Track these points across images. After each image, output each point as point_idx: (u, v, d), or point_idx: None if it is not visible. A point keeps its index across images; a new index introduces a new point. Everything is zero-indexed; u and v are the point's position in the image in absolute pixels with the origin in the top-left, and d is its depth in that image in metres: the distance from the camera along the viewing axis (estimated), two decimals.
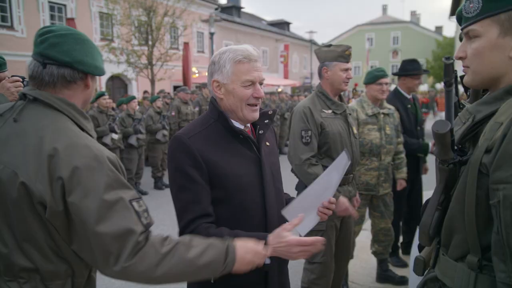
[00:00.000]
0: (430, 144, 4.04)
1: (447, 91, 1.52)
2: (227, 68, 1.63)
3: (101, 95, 7.56)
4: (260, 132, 1.75)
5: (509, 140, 1.00)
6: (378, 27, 48.67)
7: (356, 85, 13.72)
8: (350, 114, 3.05)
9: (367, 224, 5.60)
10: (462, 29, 1.23)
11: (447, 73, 1.57)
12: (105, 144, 7.21)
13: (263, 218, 1.67)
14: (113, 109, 8.68)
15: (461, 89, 1.61)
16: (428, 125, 16.30)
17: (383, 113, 3.64)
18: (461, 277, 1.17)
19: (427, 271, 1.40)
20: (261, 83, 1.68)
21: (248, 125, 1.76)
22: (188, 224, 1.57)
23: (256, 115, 1.70)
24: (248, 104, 1.66)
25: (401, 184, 3.90)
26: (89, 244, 1.23)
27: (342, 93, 3.05)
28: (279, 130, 12.81)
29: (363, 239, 4.49)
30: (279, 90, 19.97)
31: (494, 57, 1.15)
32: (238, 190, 1.62)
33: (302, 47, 38.14)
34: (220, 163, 1.60)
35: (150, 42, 15.03)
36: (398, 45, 47.29)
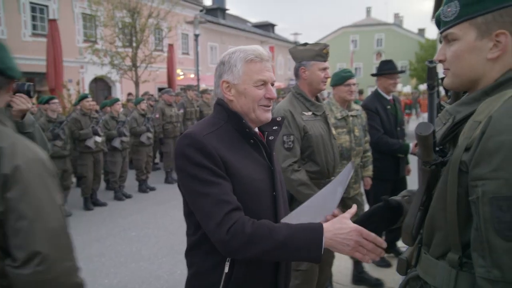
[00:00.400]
0: (411, 145, 4.06)
1: (430, 93, 1.54)
2: (238, 68, 1.57)
3: (84, 97, 7.47)
4: (270, 138, 1.68)
5: (487, 138, 1.02)
6: (362, 29, 49.14)
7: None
8: (328, 114, 3.01)
9: None
10: (441, 33, 1.26)
11: (430, 76, 1.60)
12: (88, 147, 7.14)
13: None
14: (96, 111, 8.58)
15: (442, 91, 1.63)
16: (411, 126, 16.39)
17: (351, 115, 3.62)
18: (442, 274, 1.19)
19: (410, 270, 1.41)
20: (272, 84, 1.62)
21: (256, 129, 1.68)
22: (226, 217, 1.40)
23: (269, 116, 1.63)
24: (260, 105, 1.59)
25: (368, 182, 3.93)
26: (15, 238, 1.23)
27: (327, 95, 3.02)
28: None
29: None
30: None
31: (472, 59, 1.17)
32: (252, 196, 1.53)
33: (287, 48, 37.79)
34: (236, 165, 1.51)
35: (134, 44, 14.92)
36: (381, 47, 47.80)
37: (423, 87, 16.25)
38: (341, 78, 3.54)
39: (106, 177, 8.58)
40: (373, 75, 4.32)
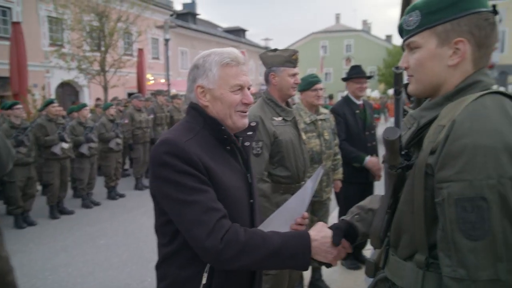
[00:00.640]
0: (367, 159, 4.09)
1: (397, 98, 1.59)
2: (213, 72, 1.50)
3: (50, 102, 7.27)
4: (246, 144, 1.62)
5: (451, 141, 1.05)
6: (332, 35, 50.00)
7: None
8: (297, 120, 3.02)
9: None
10: (404, 41, 1.30)
11: (396, 82, 1.64)
12: (54, 154, 6.94)
13: None
14: (63, 117, 8.36)
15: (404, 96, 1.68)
16: (380, 130, 16.79)
17: (320, 119, 3.65)
18: (410, 275, 1.21)
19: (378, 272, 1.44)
20: (249, 88, 1.57)
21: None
22: (216, 225, 1.33)
23: (246, 121, 1.57)
24: (237, 111, 1.53)
25: (337, 185, 3.96)
26: None
27: (290, 99, 3.04)
28: None
29: None
30: None
31: (434, 66, 1.21)
32: (233, 204, 1.47)
33: (258, 54, 37.75)
34: (218, 173, 1.44)
35: (102, 48, 14.62)
36: (351, 52, 48.77)
37: (391, 92, 16.66)
38: (309, 83, 3.58)
39: (74, 184, 8.36)
40: (343, 79, 4.40)
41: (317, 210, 3.70)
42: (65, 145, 7.08)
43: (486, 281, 1.00)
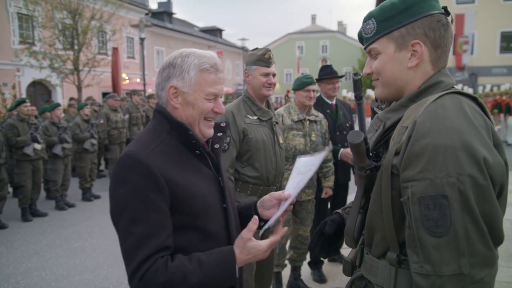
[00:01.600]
0: (341, 151, 4.04)
1: (358, 103, 1.64)
2: (190, 75, 1.43)
3: (21, 102, 7.07)
4: (215, 146, 1.58)
5: (413, 142, 1.10)
6: (308, 36, 50.37)
7: (288, 91, 14.06)
8: (277, 123, 2.97)
9: None
10: (364, 49, 1.36)
11: (356, 88, 1.70)
12: (26, 155, 6.75)
13: (227, 245, 1.50)
14: (35, 117, 8.15)
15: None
16: (356, 129, 17.07)
17: (309, 120, 3.65)
18: (383, 272, 1.25)
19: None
20: (221, 96, 1.52)
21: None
22: (144, 262, 1.30)
23: (212, 131, 1.53)
24: (205, 118, 1.48)
25: (327, 193, 3.92)
26: None
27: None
28: None
29: None
30: None
31: (395, 69, 1.27)
32: (202, 214, 1.43)
33: (234, 54, 38.43)
34: (184, 183, 1.39)
35: (76, 47, 14.32)
36: (327, 53, 49.22)
37: (370, 92, 16.95)
38: (302, 84, 3.61)
39: (47, 186, 8.15)
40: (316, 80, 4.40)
41: (297, 211, 3.68)
42: (37, 146, 6.90)
43: (451, 276, 1.04)
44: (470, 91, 18.77)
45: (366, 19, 1.31)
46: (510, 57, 26.19)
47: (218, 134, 1.60)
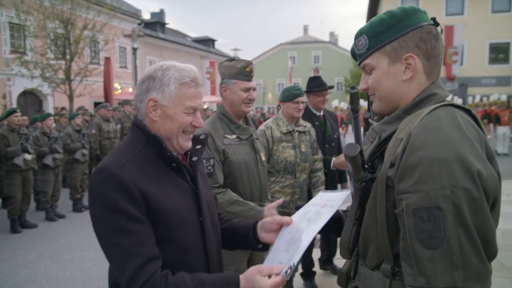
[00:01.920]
0: (333, 160, 4.01)
1: (354, 117, 1.66)
2: (170, 89, 1.43)
3: (12, 112, 7.01)
4: (193, 159, 1.57)
5: (407, 154, 1.10)
6: (300, 46, 50.73)
7: (280, 102, 14.03)
8: (257, 139, 2.74)
9: None
10: (358, 65, 1.37)
11: (352, 101, 1.72)
12: (16, 165, 6.68)
13: (204, 259, 1.51)
14: (26, 127, 8.08)
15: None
16: (348, 139, 17.04)
17: (298, 131, 3.58)
18: (378, 284, 1.25)
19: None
20: (199, 110, 1.52)
21: None
22: (137, 273, 1.27)
23: (190, 144, 1.53)
24: (183, 132, 1.49)
25: None
26: None
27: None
28: None
29: None
30: (205, 107, 19.92)
31: (390, 83, 1.28)
32: (178, 227, 1.42)
33: None
34: (159, 196, 1.38)
35: (68, 56, 14.27)
36: (319, 63, 49.56)
37: (362, 102, 17.06)
38: (291, 95, 3.54)
39: (37, 197, 8.06)
40: (305, 92, 4.20)
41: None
42: (28, 156, 6.83)
43: None
44: (460, 101, 19.03)
45: (357, 36, 1.33)
46: (498, 68, 26.57)
47: (197, 147, 1.60)
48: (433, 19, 1.28)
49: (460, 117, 1.15)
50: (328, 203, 1.53)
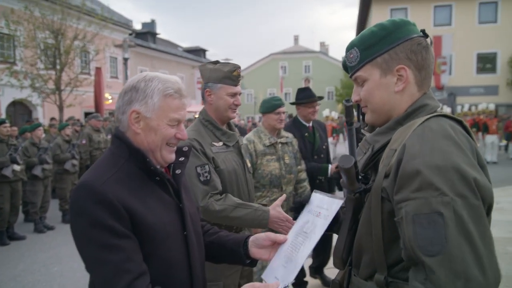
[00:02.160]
0: (330, 167, 3.97)
1: (349, 129, 1.67)
2: (154, 100, 1.39)
3: (1, 122, 6.93)
4: (177, 172, 1.54)
5: (404, 164, 1.11)
6: (291, 56, 51.09)
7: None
8: (241, 144, 2.61)
9: None
10: (350, 77, 1.39)
11: (348, 114, 1.73)
12: (5, 176, 6.59)
13: (188, 273, 1.48)
14: (16, 137, 7.99)
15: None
16: (339, 148, 17.03)
17: (280, 142, 3.49)
18: None
19: None
20: (183, 122, 1.50)
21: None
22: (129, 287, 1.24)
23: (173, 156, 1.50)
24: (167, 144, 1.45)
25: None
26: None
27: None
28: None
29: None
30: (196, 116, 19.91)
31: (382, 95, 1.30)
32: (162, 242, 1.39)
33: None
34: (144, 211, 1.35)
35: (58, 66, 14.21)
36: (309, 73, 49.94)
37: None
38: (272, 106, 3.46)
39: (25, 208, 7.95)
40: (292, 103, 4.21)
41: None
42: (16, 167, 6.75)
43: None
44: (449, 110, 19.25)
45: (348, 48, 1.34)
46: (486, 78, 26.98)
47: (180, 159, 1.56)
48: (423, 31, 1.30)
49: (451, 127, 1.16)
50: (323, 211, 1.52)
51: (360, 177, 1.30)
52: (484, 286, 1.01)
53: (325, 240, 3.92)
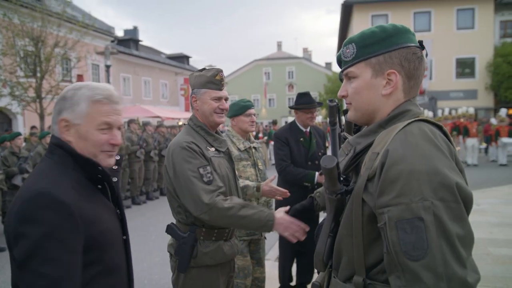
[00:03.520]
0: (317, 174, 3.82)
1: (332, 129, 1.69)
2: (81, 107, 1.40)
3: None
4: (113, 179, 1.54)
5: (387, 168, 1.12)
6: (274, 62, 51.33)
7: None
8: (231, 151, 2.61)
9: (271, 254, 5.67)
10: (342, 71, 1.40)
11: (331, 114, 1.75)
12: None
13: (127, 278, 1.55)
14: None
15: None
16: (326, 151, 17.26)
17: (254, 147, 3.36)
18: None
19: None
20: (119, 128, 1.49)
21: None
22: None
23: (112, 161, 1.50)
24: (102, 151, 1.45)
25: None
26: None
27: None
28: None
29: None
30: (180, 123, 19.80)
31: (369, 95, 1.32)
32: (110, 248, 1.43)
33: None
34: (95, 219, 1.37)
35: (38, 74, 13.98)
36: (293, 79, 50.24)
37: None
38: (242, 108, 3.29)
39: (5, 219, 7.75)
40: (291, 107, 4.13)
41: (253, 251, 3.31)
42: None
43: None
44: (430, 114, 19.55)
45: (346, 43, 1.35)
46: (465, 82, 27.57)
47: (114, 167, 1.58)
48: (420, 42, 1.32)
49: (431, 132, 1.19)
50: None
51: (341, 178, 1.31)
52: (465, 285, 1.05)
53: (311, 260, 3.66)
